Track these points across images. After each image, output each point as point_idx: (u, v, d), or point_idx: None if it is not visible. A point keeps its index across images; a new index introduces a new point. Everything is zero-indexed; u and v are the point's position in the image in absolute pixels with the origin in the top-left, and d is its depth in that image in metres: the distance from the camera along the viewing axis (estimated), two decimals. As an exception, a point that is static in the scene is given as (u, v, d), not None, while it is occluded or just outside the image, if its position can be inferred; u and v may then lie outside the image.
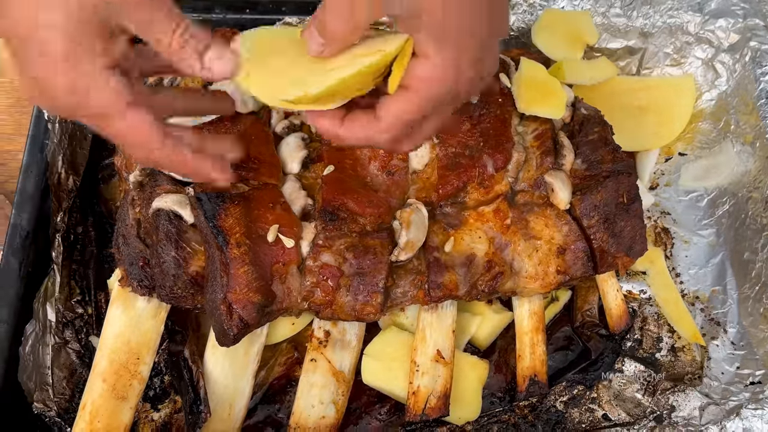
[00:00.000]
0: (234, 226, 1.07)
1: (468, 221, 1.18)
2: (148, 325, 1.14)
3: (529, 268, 1.17)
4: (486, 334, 1.26)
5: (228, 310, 1.04)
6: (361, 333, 1.21)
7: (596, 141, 1.24)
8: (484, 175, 1.20)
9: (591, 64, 1.44)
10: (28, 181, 1.29)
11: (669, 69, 1.48)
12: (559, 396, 1.24)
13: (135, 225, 1.14)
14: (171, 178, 1.14)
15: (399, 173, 1.19)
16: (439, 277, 1.14)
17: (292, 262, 1.10)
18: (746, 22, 1.42)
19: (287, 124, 1.22)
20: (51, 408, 1.19)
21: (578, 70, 1.40)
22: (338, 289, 1.11)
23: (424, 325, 1.18)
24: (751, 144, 1.38)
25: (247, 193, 1.11)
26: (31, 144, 1.31)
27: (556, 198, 1.19)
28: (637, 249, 1.21)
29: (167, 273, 1.09)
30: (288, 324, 1.22)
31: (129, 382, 1.11)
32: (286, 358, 1.26)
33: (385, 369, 1.19)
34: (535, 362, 1.22)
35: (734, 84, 1.44)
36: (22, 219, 1.25)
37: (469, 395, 1.21)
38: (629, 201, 1.20)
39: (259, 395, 1.23)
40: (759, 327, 1.28)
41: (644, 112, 1.44)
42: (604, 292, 1.29)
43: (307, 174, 1.19)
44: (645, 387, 1.24)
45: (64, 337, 1.24)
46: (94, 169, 1.39)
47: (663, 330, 1.31)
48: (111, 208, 1.36)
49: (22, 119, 1.52)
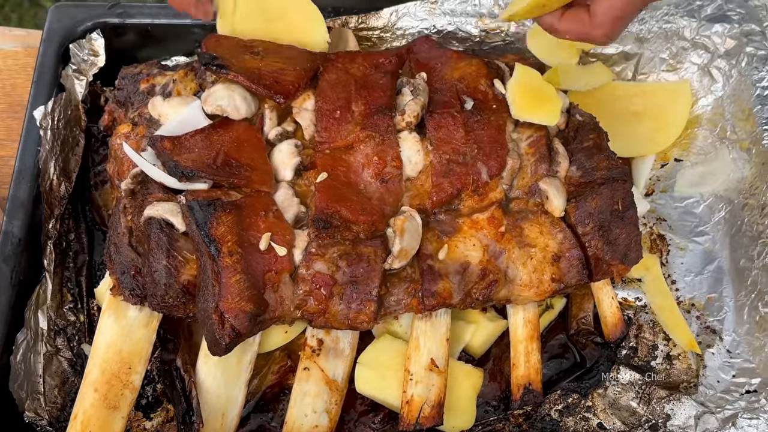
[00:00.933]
0: (226, 234, 1.06)
1: (462, 229, 1.17)
2: (139, 335, 1.13)
3: (523, 276, 1.17)
4: (480, 342, 1.25)
5: (220, 319, 1.04)
6: (354, 341, 1.20)
7: (591, 148, 1.24)
8: (479, 182, 1.19)
9: (586, 70, 1.43)
10: (20, 188, 1.28)
11: (665, 74, 1.48)
12: (554, 404, 1.24)
13: (127, 233, 1.14)
14: (163, 187, 1.13)
15: (393, 180, 1.18)
16: (433, 285, 1.13)
17: (284, 270, 1.09)
18: (742, 28, 1.41)
19: (280, 130, 1.21)
20: (42, 417, 1.18)
21: (573, 75, 1.40)
22: (331, 298, 1.10)
23: (418, 333, 1.17)
24: (747, 150, 1.38)
25: (239, 201, 1.10)
26: (23, 150, 1.31)
27: (550, 205, 1.19)
28: (632, 257, 1.20)
29: (159, 282, 1.08)
30: (281, 332, 1.21)
31: (121, 391, 1.11)
32: (279, 366, 1.25)
33: (378, 377, 1.18)
34: (530, 371, 1.21)
35: (730, 90, 1.43)
36: (13, 226, 1.25)
37: (464, 404, 1.20)
38: (624, 208, 1.19)
39: (252, 404, 1.22)
40: (755, 335, 1.27)
41: (640, 117, 1.43)
42: (599, 299, 1.28)
43: (300, 181, 1.18)
44: (640, 395, 1.23)
45: (56, 345, 1.23)
46: (86, 175, 1.38)
47: (658, 338, 1.30)
48: (103, 215, 1.35)
49: (13, 125, 1.52)
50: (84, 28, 1.43)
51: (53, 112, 1.33)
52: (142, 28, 1.45)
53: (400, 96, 1.25)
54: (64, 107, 1.35)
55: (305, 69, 1.24)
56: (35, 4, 3.03)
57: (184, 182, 1.11)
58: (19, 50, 1.60)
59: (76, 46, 1.41)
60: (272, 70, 1.22)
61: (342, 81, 1.24)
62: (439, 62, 1.29)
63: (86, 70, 1.41)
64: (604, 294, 1.28)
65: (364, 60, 1.28)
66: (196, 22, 1.45)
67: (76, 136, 1.37)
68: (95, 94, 1.44)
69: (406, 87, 1.25)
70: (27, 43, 1.61)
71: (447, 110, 1.22)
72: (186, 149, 1.13)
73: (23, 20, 2.98)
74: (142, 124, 1.23)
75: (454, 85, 1.25)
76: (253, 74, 1.20)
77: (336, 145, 1.20)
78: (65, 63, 1.41)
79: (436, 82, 1.27)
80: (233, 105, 1.19)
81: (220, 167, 1.13)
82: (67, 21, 1.43)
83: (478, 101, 1.24)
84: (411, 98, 1.23)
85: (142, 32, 1.46)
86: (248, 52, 1.25)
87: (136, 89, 1.28)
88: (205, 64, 1.21)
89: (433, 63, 1.29)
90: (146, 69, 1.30)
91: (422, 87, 1.24)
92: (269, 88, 1.20)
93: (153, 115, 1.22)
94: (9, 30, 1.64)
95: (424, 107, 1.23)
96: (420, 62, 1.30)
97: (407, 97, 1.24)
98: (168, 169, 1.11)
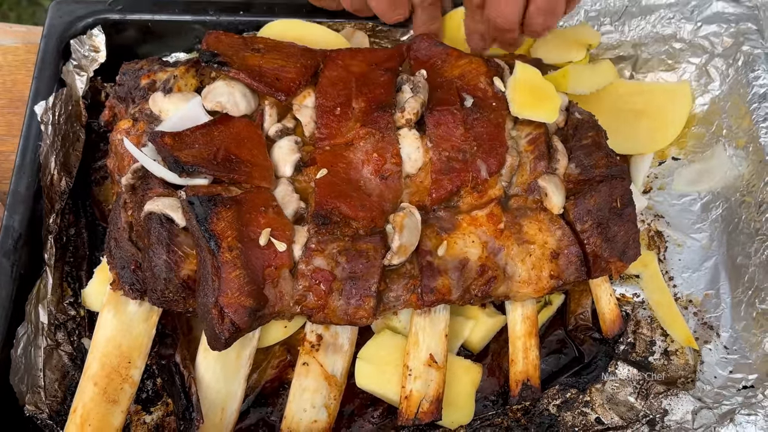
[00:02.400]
0: (226, 229, 1.07)
1: (461, 225, 1.18)
2: (139, 329, 1.14)
3: (522, 273, 1.17)
4: (479, 338, 1.26)
5: (219, 314, 1.04)
6: (353, 337, 1.21)
7: (590, 145, 1.24)
8: (478, 179, 1.20)
9: (595, 69, 1.43)
10: (21, 183, 1.28)
11: (663, 74, 1.49)
12: (552, 399, 1.24)
13: (127, 228, 1.14)
14: (163, 182, 1.13)
15: (392, 177, 1.19)
16: (432, 281, 1.14)
17: (284, 265, 1.10)
18: (738, 27, 1.42)
19: (280, 127, 1.21)
20: (43, 410, 1.19)
21: (582, 76, 1.40)
22: (331, 293, 1.11)
23: (417, 329, 1.18)
24: (744, 148, 1.39)
25: (240, 197, 1.11)
26: (24, 145, 1.31)
27: (549, 202, 1.19)
28: (631, 254, 1.21)
29: (159, 276, 1.08)
30: (280, 327, 1.22)
31: (120, 385, 1.11)
32: (278, 361, 1.25)
33: (378, 372, 1.19)
34: (528, 367, 1.21)
35: (727, 88, 1.44)
36: (14, 220, 1.25)
37: (462, 399, 1.20)
38: (623, 206, 1.20)
39: (252, 398, 1.23)
40: (752, 331, 1.28)
41: (639, 116, 1.44)
42: (598, 296, 1.29)
43: (299, 177, 1.18)
44: (638, 390, 1.24)
45: (56, 339, 1.23)
46: (86, 170, 1.39)
47: (656, 333, 1.31)
48: (104, 210, 1.36)
49: (14, 120, 1.52)
50: (85, 24, 1.43)
51: (54, 107, 1.33)
52: (143, 24, 1.46)
53: (400, 93, 1.25)
54: (64, 103, 1.36)
55: (306, 66, 1.25)
56: (33, 2, 3.03)
57: (184, 178, 1.12)
58: (19, 46, 1.60)
59: (76, 42, 1.42)
60: (273, 68, 1.23)
61: (342, 78, 1.25)
62: (439, 60, 1.30)
63: (87, 65, 1.42)
64: (602, 291, 1.29)
65: (365, 57, 1.29)
66: (196, 19, 1.46)
67: (76, 131, 1.37)
68: (96, 89, 1.44)
69: (406, 84, 1.26)
70: (27, 39, 1.61)
71: (447, 107, 1.22)
72: (186, 145, 1.14)
73: (21, 18, 2.98)
74: (142, 120, 1.23)
75: (453, 83, 1.26)
76: (254, 71, 1.21)
77: (336, 141, 1.20)
78: (66, 59, 1.41)
79: (436, 79, 1.27)
80: (233, 101, 1.20)
81: (220, 163, 1.13)
82: (68, 17, 1.43)
83: (477, 99, 1.24)
84: (411, 95, 1.23)
85: (143, 28, 1.46)
86: (249, 49, 1.26)
87: (136, 85, 1.28)
88: (206, 62, 1.21)
89: (433, 61, 1.30)
90: (147, 65, 1.31)
91: (422, 84, 1.25)
92: (270, 85, 1.21)
93: (154, 111, 1.23)
94: (9, 26, 1.64)
95: (424, 104, 1.23)
96: (420, 60, 1.30)
97: (407, 94, 1.24)
98: (168, 165, 1.12)
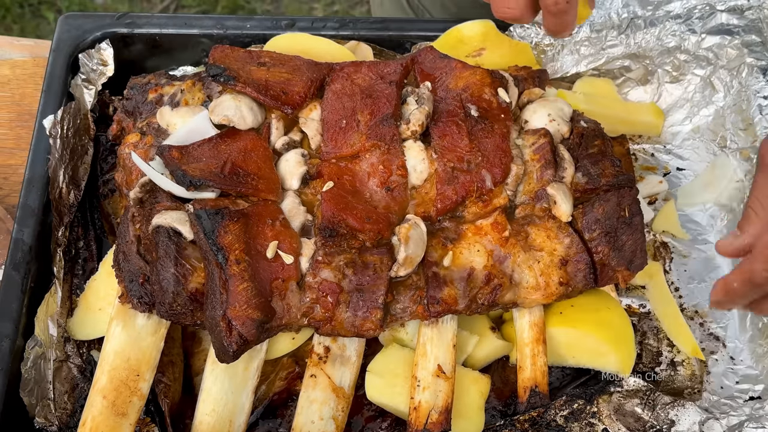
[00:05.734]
0: (233, 242, 1.07)
1: (466, 235, 1.18)
2: (147, 342, 1.14)
3: (530, 279, 1.18)
4: (482, 355, 1.25)
5: (227, 326, 1.05)
6: (360, 349, 1.21)
7: (596, 154, 1.25)
8: (483, 189, 1.20)
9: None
10: (30, 196, 1.29)
11: (668, 86, 1.50)
12: (560, 410, 1.24)
13: (135, 241, 1.15)
14: (171, 195, 1.14)
15: (398, 189, 1.19)
16: (438, 291, 1.14)
17: (291, 278, 1.11)
18: (743, 38, 1.43)
19: (287, 140, 1.22)
20: (52, 423, 1.19)
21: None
22: (338, 306, 1.12)
23: (425, 340, 1.18)
24: (748, 159, 1.39)
25: (247, 210, 1.12)
26: (33, 159, 1.32)
27: (558, 210, 1.20)
28: (638, 263, 1.22)
29: (167, 290, 1.09)
30: (288, 339, 1.22)
31: (129, 398, 1.12)
32: (287, 373, 1.26)
33: (388, 386, 1.19)
34: (536, 373, 1.22)
35: (731, 100, 1.44)
36: (23, 233, 1.26)
37: (472, 410, 1.20)
38: (631, 215, 1.21)
39: (260, 410, 1.23)
40: (758, 342, 1.28)
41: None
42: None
43: (306, 190, 1.19)
44: (645, 401, 1.24)
45: (66, 352, 1.24)
46: (95, 184, 1.40)
47: (662, 344, 1.31)
48: (112, 224, 1.37)
49: (23, 133, 1.53)
50: (93, 38, 1.44)
51: (62, 121, 1.34)
52: (150, 37, 1.47)
53: (405, 105, 1.26)
54: (73, 116, 1.37)
55: (312, 79, 1.26)
56: (37, 15, 3.05)
57: (191, 191, 1.13)
58: (27, 60, 1.61)
59: (85, 55, 1.43)
60: (279, 81, 1.24)
61: (348, 91, 1.26)
62: (443, 72, 1.31)
63: (95, 79, 1.43)
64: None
65: (370, 70, 1.30)
66: (203, 32, 1.47)
67: (85, 144, 1.38)
68: (104, 103, 1.45)
69: (411, 96, 1.27)
70: (35, 52, 1.63)
71: (451, 119, 1.23)
72: (194, 158, 1.15)
73: (25, 31, 3.00)
74: (150, 134, 1.24)
75: (458, 94, 1.27)
76: (261, 85, 1.22)
77: (342, 154, 1.21)
78: (74, 72, 1.42)
79: (440, 91, 1.28)
80: (240, 115, 1.21)
81: (227, 176, 1.14)
82: (76, 31, 1.44)
83: (482, 110, 1.25)
84: (416, 107, 1.24)
85: (150, 42, 1.48)
86: (255, 62, 1.27)
87: (144, 99, 1.29)
88: (213, 76, 1.22)
89: (438, 73, 1.31)
90: (154, 79, 1.32)
91: (427, 96, 1.26)
92: (277, 98, 1.22)
93: (161, 125, 1.24)
94: (17, 40, 1.66)
95: (429, 116, 1.24)
96: (424, 72, 1.31)
97: (412, 106, 1.25)
98: (176, 178, 1.13)
